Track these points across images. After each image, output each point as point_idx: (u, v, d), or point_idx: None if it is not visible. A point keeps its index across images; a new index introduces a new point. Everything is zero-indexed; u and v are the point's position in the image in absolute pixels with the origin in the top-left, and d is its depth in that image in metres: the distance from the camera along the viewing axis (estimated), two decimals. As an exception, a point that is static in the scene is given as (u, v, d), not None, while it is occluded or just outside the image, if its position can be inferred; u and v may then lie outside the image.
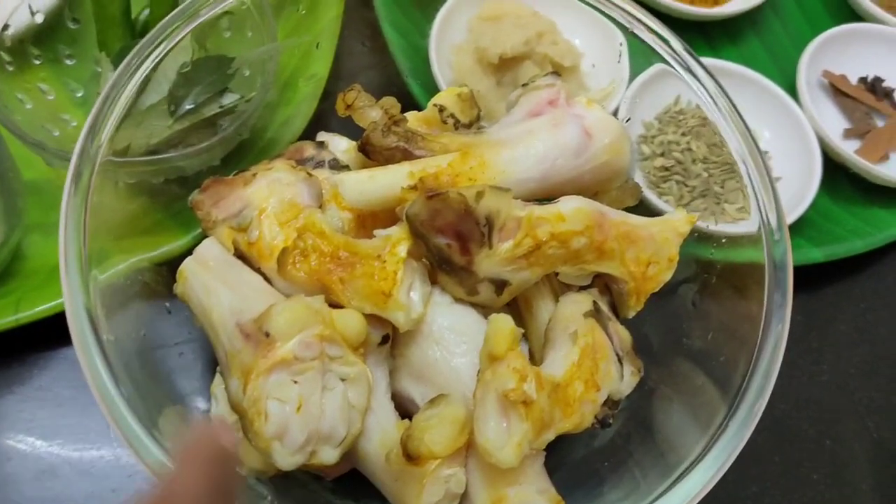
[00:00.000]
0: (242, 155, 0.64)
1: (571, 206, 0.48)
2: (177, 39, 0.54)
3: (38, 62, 0.65)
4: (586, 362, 0.48)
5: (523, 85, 0.55)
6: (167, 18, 0.53)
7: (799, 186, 0.73)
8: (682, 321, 0.55)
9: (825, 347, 0.71)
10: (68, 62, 0.66)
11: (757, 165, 0.53)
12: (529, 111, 0.52)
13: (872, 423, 0.69)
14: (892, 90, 0.80)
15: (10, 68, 0.63)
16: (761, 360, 0.47)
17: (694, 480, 0.43)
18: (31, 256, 0.63)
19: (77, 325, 0.42)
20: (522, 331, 0.46)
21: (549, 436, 0.45)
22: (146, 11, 0.65)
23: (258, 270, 0.50)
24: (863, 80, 0.81)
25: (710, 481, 0.43)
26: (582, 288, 0.54)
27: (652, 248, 0.51)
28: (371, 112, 0.51)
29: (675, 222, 0.52)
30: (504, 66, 0.70)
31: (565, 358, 0.48)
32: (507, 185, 0.48)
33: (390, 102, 0.54)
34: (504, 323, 0.44)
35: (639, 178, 0.70)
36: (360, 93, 0.53)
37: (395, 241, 0.47)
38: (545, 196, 0.50)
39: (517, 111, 0.53)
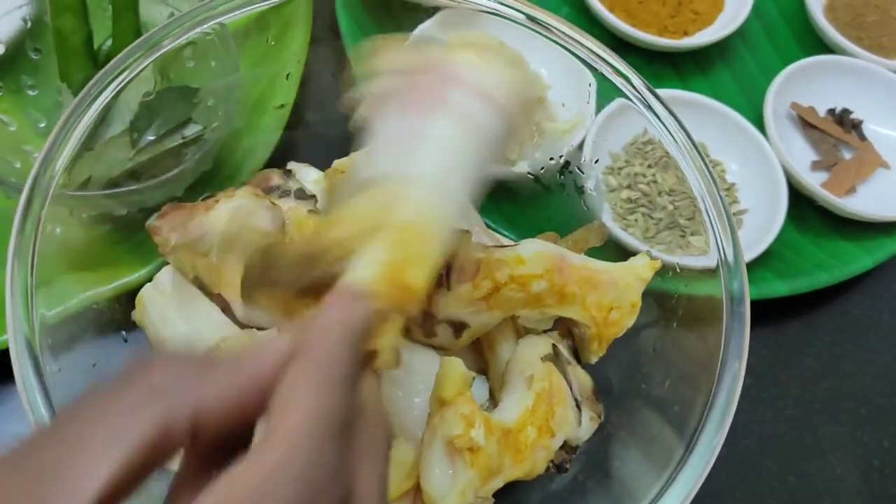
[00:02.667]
0: (206, 184, 0.64)
1: (531, 250, 0.48)
2: (138, 70, 0.53)
3: (-1, 93, 0.65)
4: (541, 407, 0.47)
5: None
6: (128, 49, 0.53)
7: (765, 218, 0.73)
8: (643, 365, 0.55)
9: (790, 382, 0.71)
10: (30, 92, 0.66)
11: (714, 201, 0.53)
12: (400, 120, 0.41)
13: (835, 459, 0.69)
14: (860, 122, 0.81)
15: (-29, 99, 0.63)
16: (719, 394, 0.47)
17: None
18: (-13, 288, 0.62)
19: (18, 359, 0.42)
20: (474, 375, 0.46)
21: (497, 483, 0.44)
22: (108, 42, 0.65)
23: (217, 296, 0.50)
24: (831, 111, 0.81)
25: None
26: (545, 331, 0.54)
27: (614, 293, 0.51)
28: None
29: (638, 268, 0.52)
30: (470, 98, 0.70)
31: (519, 402, 0.47)
32: (447, 219, 0.39)
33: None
34: (454, 367, 0.44)
35: (605, 210, 0.70)
36: None
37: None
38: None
39: (383, 134, 0.41)
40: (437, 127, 0.40)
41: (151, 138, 0.61)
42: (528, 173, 0.64)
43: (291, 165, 0.61)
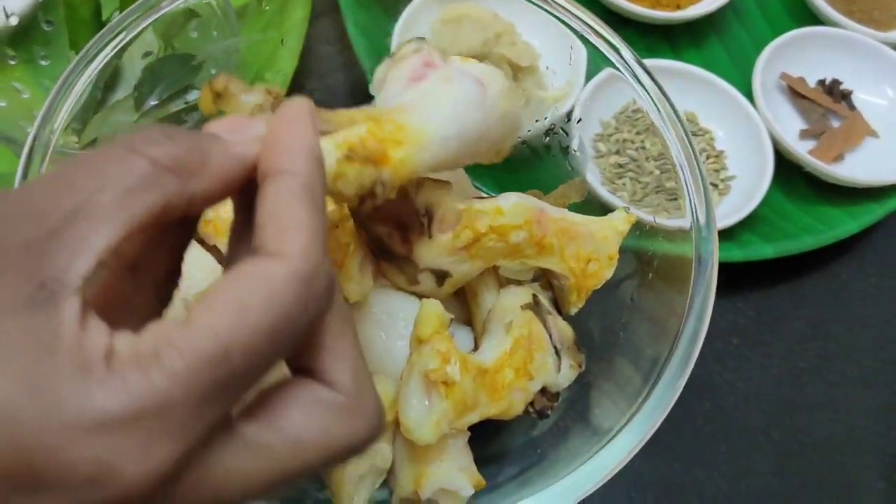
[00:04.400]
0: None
1: (510, 202, 0.50)
2: (136, 31, 0.56)
3: (13, 62, 0.68)
4: (519, 351, 0.49)
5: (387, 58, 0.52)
6: (127, 10, 0.55)
7: (752, 184, 0.75)
8: (622, 316, 0.57)
9: (777, 342, 0.73)
10: (43, 62, 0.69)
11: (692, 169, 0.55)
12: (409, 78, 0.48)
13: (822, 416, 0.70)
14: (850, 92, 0.82)
15: (-15, 69, 0.66)
16: (681, 339, 0.49)
17: (614, 450, 0.45)
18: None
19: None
20: (452, 316, 0.48)
21: (473, 417, 0.47)
22: (117, 13, 0.68)
23: (213, 248, 0.53)
24: (821, 82, 0.83)
25: (629, 451, 0.45)
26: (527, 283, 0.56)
27: (591, 245, 0.53)
28: (248, 97, 0.46)
29: (615, 221, 0.54)
30: (463, 67, 0.73)
31: (497, 346, 0.49)
32: (431, 146, 0.43)
33: (270, 86, 0.53)
34: (432, 307, 0.46)
35: (594, 174, 0.73)
36: (230, 79, 0.47)
37: (346, 215, 0.49)
38: (465, 160, 0.48)
39: (393, 84, 0.49)
40: (437, 90, 0.45)
41: (154, 102, 0.64)
42: (518, 137, 0.66)
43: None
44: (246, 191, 0.29)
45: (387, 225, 0.49)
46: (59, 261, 0.24)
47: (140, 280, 0.29)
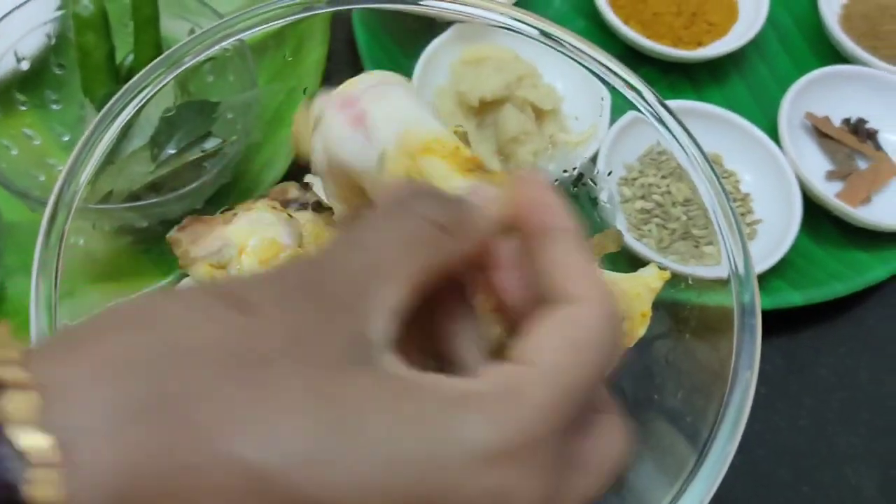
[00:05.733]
0: (225, 197, 0.65)
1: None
2: (160, 86, 0.55)
3: (23, 108, 0.66)
4: None
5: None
6: (151, 65, 0.54)
7: (780, 229, 0.73)
8: (656, 376, 0.55)
9: (804, 392, 0.71)
10: (54, 107, 0.68)
11: (725, 214, 0.54)
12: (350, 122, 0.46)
13: (851, 470, 0.69)
14: (876, 131, 0.81)
15: (-4, 115, 0.64)
16: (730, 404, 0.47)
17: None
18: (12, 298, 0.64)
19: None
20: None
21: None
22: (130, 57, 0.66)
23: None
24: (846, 121, 0.81)
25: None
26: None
27: (624, 303, 0.51)
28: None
29: (647, 278, 0.53)
30: (484, 110, 0.71)
31: None
32: None
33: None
34: None
35: (620, 220, 0.71)
36: None
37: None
38: None
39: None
40: None
41: (172, 152, 0.62)
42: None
43: (309, 178, 0.62)
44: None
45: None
46: (367, 319, 0.26)
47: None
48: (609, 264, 0.57)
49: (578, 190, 0.62)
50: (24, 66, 0.65)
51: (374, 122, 0.44)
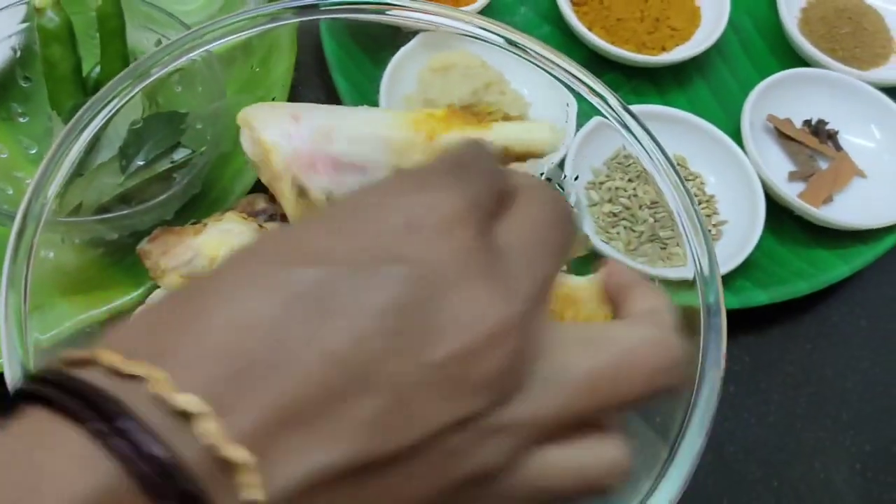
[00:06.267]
0: (195, 207, 0.65)
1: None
2: (127, 98, 0.55)
3: (-10, 121, 0.66)
4: None
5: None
6: (118, 77, 0.54)
7: (745, 229, 0.74)
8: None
9: (772, 388, 0.73)
10: (21, 120, 0.67)
11: (690, 216, 0.55)
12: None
13: (819, 464, 0.70)
14: (836, 132, 0.83)
15: (-38, 127, 0.64)
16: (698, 402, 0.48)
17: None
18: (-20, 313, 0.63)
19: (13, 385, 0.43)
20: None
21: None
22: (97, 69, 0.66)
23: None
24: (807, 122, 0.83)
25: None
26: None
27: (590, 307, 0.52)
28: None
29: None
30: (453, 117, 0.72)
31: None
32: None
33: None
34: None
35: (588, 223, 0.72)
36: None
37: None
38: None
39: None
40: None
41: (141, 163, 0.62)
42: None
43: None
44: None
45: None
46: None
47: None
48: (576, 268, 0.58)
49: (546, 194, 0.63)
50: (-9, 78, 0.65)
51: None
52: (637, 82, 0.85)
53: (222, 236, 0.54)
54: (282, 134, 0.49)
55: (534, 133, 0.52)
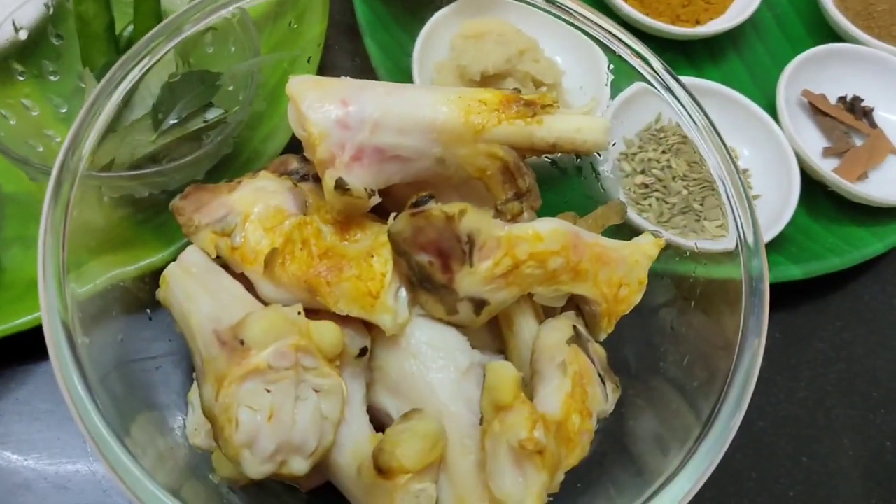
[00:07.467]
0: (226, 168, 0.64)
1: (548, 227, 0.49)
2: (160, 55, 0.54)
3: (21, 78, 0.65)
4: (577, 391, 0.48)
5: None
6: (150, 34, 0.54)
7: (778, 204, 0.74)
8: (660, 344, 0.56)
9: (803, 364, 0.72)
10: (52, 78, 0.67)
11: (735, 184, 0.54)
12: None
13: (848, 441, 0.69)
14: (871, 109, 0.81)
15: (-7, 84, 0.64)
16: (737, 376, 0.47)
17: (669, 497, 0.43)
18: (9, 269, 0.63)
19: (53, 337, 0.42)
20: (521, 374, 0.46)
21: (560, 477, 0.45)
22: (130, 27, 0.66)
23: (240, 276, 0.51)
24: (842, 99, 0.82)
25: (685, 497, 0.43)
26: (554, 310, 0.55)
27: (623, 269, 0.52)
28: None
29: (644, 246, 0.53)
30: (486, 84, 0.71)
31: (558, 390, 0.47)
32: None
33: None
34: (506, 371, 0.44)
35: (620, 195, 0.71)
36: None
37: (382, 243, 0.48)
38: None
39: None
40: None
41: (173, 122, 0.61)
42: (546, 158, 0.64)
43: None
44: None
45: (428, 253, 0.48)
46: None
47: None
48: (611, 234, 0.57)
49: (582, 161, 0.62)
50: (23, 35, 0.64)
51: None
52: (670, 56, 0.84)
53: (256, 194, 0.53)
54: (329, 122, 0.48)
55: (584, 134, 0.50)
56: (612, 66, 0.58)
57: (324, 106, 0.49)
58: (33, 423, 0.61)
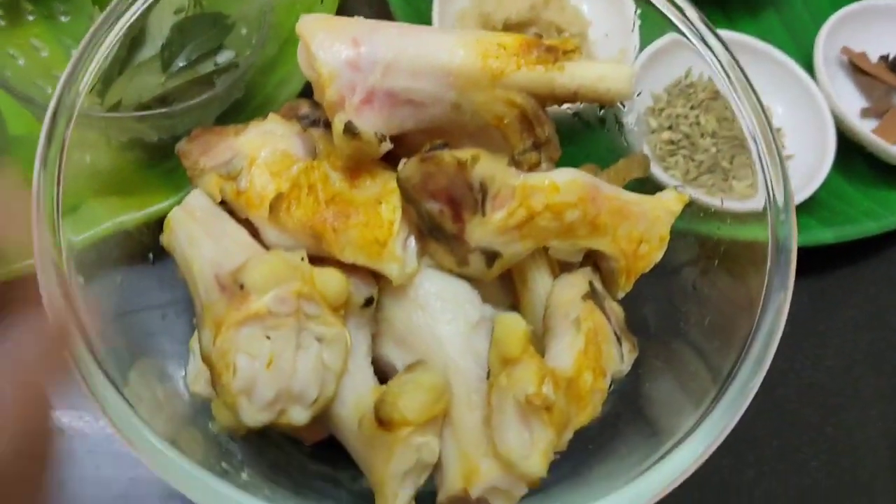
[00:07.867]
0: (237, 113, 0.63)
1: (566, 177, 0.47)
2: (166, -13, 0.52)
3: (31, 18, 0.64)
4: (591, 349, 0.46)
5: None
6: (157, -34, 0.52)
7: (811, 165, 0.71)
8: (682, 304, 0.53)
9: (831, 332, 0.69)
10: (63, 18, 0.66)
11: (767, 143, 0.51)
12: None
13: (876, 412, 0.67)
14: (914, 69, 0.78)
15: (2, 23, 0.62)
16: (759, 332, 0.45)
17: (681, 457, 0.42)
18: (16, 213, 0.62)
19: (45, 281, 0.41)
20: (533, 328, 0.44)
21: (568, 435, 0.44)
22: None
23: (244, 221, 0.49)
24: (883, 58, 0.78)
25: (697, 459, 0.41)
26: (570, 266, 0.52)
27: (644, 225, 0.49)
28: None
29: (667, 201, 0.51)
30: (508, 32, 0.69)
31: (571, 346, 0.46)
32: None
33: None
34: (515, 323, 0.43)
35: (645, 151, 0.68)
36: None
37: (392, 190, 0.46)
38: None
39: None
40: None
41: (183, 64, 0.60)
42: (568, 109, 0.62)
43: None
44: None
45: (439, 201, 0.46)
46: None
47: None
48: (633, 188, 0.54)
49: (605, 113, 0.59)
50: (33, -27, 0.63)
51: None
52: (705, 10, 0.80)
53: (264, 137, 0.51)
54: (339, 62, 0.46)
55: (608, 82, 0.48)
56: (639, 11, 0.55)
57: (334, 45, 0.47)
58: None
